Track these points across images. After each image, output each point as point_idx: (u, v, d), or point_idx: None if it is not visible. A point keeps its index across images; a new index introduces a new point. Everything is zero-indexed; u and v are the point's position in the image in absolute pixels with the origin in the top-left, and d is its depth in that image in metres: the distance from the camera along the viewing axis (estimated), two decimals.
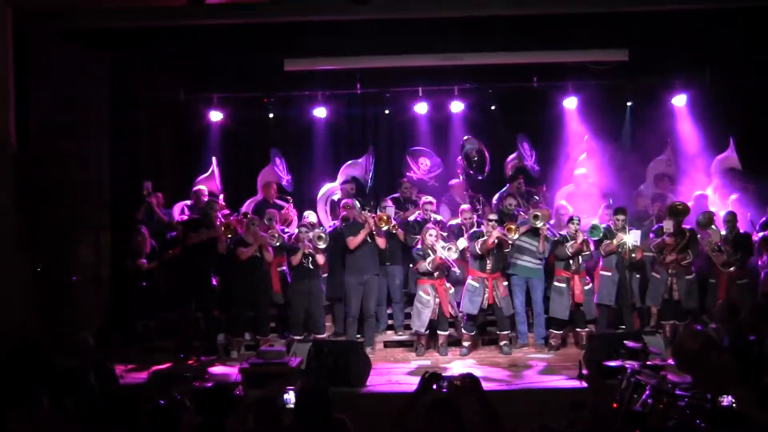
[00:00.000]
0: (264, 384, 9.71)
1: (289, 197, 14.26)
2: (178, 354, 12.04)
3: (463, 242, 12.28)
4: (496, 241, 12.20)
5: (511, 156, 14.77)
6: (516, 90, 14.68)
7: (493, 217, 12.47)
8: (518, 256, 12.71)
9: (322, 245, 12.29)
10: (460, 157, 14.45)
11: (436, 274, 12.18)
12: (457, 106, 14.77)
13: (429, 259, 12.06)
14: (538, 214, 12.48)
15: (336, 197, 14.36)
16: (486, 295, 12.31)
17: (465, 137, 14.52)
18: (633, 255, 12.38)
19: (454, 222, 13.21)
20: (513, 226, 12.26)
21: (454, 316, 12.50)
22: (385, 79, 14.38)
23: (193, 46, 13.00)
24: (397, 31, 12.55)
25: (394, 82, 14.48)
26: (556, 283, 12.58)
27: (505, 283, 12.54)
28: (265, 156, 14.77)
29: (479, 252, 12.25)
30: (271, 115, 14.80)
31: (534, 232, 12.53)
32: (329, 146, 15.39)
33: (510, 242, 12.32)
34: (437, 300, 12.20)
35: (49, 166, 12.04)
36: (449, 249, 12.05)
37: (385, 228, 12.46)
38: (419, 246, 12.29)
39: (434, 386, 5.81)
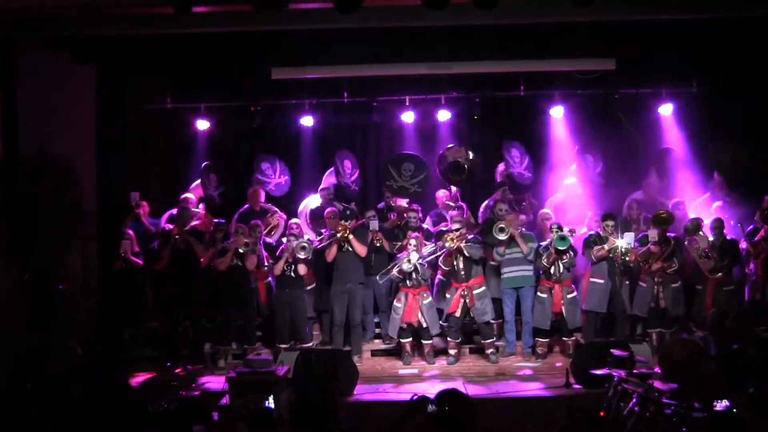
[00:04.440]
0: (251, 393, 9.70)
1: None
2: (165, 363, 12.04)
3: (415, 255, 12.24)
4: (454, 248, 12.25)
5: (501, 164, 14.71)
6: (503, 99, 14.71)
7: (456, 227, 12.49)
8: (504, 270, 12.74)
9: (302, 255, 12.28)
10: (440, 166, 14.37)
11: (409, 283, 12.25)
12: (443, 115, 14.79)
13: (394, 265, 12.18)
14: (502, 225, 12.47)
15: (313, 206, 14.33)
16: (460, 304, 12.35)
17: (449, 146, 14.48)
18: (626, 258, 12.40)
19: (444, 229, 13.28)
20: (449, 236, 12.28)
21: (425, 327, 12.48)
22: (372, 87, 14.38)
23: (181, 54, 13.00)
24: (384, 40, 12.57)
25: (381, 91, 14.48)
26: (538, 293, 12.61)
27: (480, 289, 12.51)
28: (249, 164, 14.82)
29: (445, 267, 12.34)
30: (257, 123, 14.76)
31: (514, 240, 12.57)
32: (316, 155, 15.37)
33: (458, 247, 12.31)
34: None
35: (36, 175, 12.02)
36: (407, 261, 12.12)
37: (338, 235, 12.49)
38: (400, 255, 12.39)
39: (422, 410, 5.75)
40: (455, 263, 12.38)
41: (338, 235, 12.46)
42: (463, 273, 12.40)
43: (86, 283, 13.18)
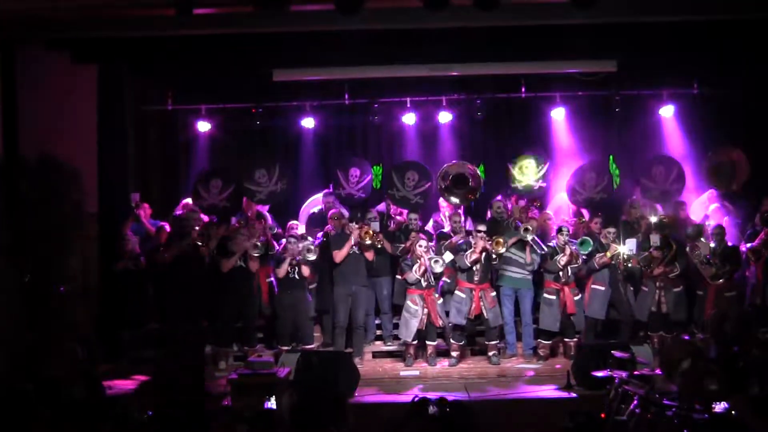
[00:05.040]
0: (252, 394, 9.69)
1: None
2: (165, 365, 12.01)
3: (449, 256, 12.26)
4: (483, 252, 12.22)
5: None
6: (504, 101, 14.71)
7: (481, 228, 12.47)
8: (506, 267, 12.73)
9: (311, 257, 12.28)
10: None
11: (424, 284, 12.18)
12: (445, 117, 14.80)
13: (415, 267, 12.08)
14: (528, 227, 12.50)
15: (316, 209, 14.35)
16: (473, 306, 12.30)
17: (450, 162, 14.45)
18: (629, 265, 12.40)
19: (445, 230, 13.28)
20: (501, 240, 12.27)
21: (443, 327, 12.50)
22: (373, 89, 14.38)
23: (181, 56, 13.00)
24: (385, 41, 12.55)
25: (382, 93, 14.48)
26: (546, 295, 12.58)
27: (493, 293, 12.53)
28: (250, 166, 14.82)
29: (468, 264, 12.26)
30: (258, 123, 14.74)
31: (522, 244, 12.55)
32: (317, 157, 15.39)
33: (495, 255, 12.33)
34: (425, 310, 12.19)
35: (36, 176, 12.00)
36: (436, 262, 12.07)
37: (369, 242, 12.46)
38: (409, 257, 12.32)
39: (423, 413, 5.74)
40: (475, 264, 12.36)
41: (368, 242, 12.45)
42: (480, 274, 12.40)
43: (86, 284, 13.16)
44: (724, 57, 13.17)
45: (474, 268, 12.35)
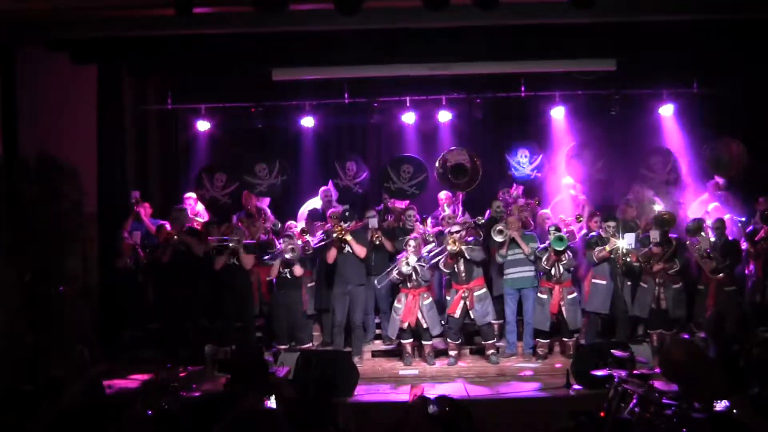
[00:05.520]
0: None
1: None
2: (164, 364, 12.02)
3: (413, 258, 12.24)
4: (456, 251, 12.20)
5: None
6: (504, 100, 14.70)
7: (453, 229, 12.45)
8: (509, 271, 12.73)
9: (288, 256, 12.26)
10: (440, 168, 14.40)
11: (409, 284, 12.25)
12: (444, 116, 14.81)
13: (392, 267, 12.16)
14: (500, 228, 12.49)
15: (317, 205, 14.37)
16: (460, 306, 12.32)
17: (450, 149, 14.55)
18: (627, 259, 12.41)
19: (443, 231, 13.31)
20: (451, 238, 12.20)
21: (425, 328, 12.45)
22: (373, 88, 14.38)
23: (181, 55, 13.00)
24: (385, 41, 12.55)
25: (382, 92, 14.48)
26: (538, 294, 12.61)
27: (481, 291, 12.46)
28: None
29: (445, 269, 12.36)
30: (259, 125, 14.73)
31: (515, 241, 12.56)
32: (317, 156, 15.41)
33: (459, 249, 12.25)
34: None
35: (36, 177, 12.02)
36: (407, 263, 12.10)
37: (335, 236, 12.45)
38: (399, 256, 12.39)
39: (422, 411, 5.74)
40: (456, 265, 12.35)
41: (334, 235, 12.44)
42: (464, 275, 12.37)
43: (86, 285, 13.17)
44: (724, 56, 13.16)
45: (456, 269, 12.37)
